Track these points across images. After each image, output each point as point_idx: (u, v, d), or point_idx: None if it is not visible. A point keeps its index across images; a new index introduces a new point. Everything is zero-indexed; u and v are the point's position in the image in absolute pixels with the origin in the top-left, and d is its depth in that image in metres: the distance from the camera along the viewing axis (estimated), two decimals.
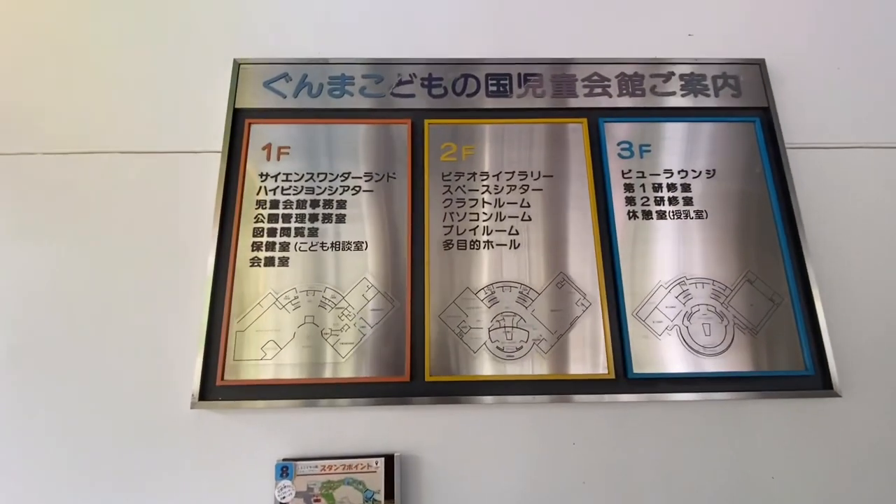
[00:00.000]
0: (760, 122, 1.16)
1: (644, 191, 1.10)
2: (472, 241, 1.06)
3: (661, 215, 1.09)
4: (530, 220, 1.08)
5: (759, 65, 1.22)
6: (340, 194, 1.09)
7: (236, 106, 1.15)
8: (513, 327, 1.01)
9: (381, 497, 0.89)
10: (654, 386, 0.98)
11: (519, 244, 1.06)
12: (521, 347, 0.99)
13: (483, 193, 1.10)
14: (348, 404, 0.97)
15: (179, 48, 1.24)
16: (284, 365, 0.98)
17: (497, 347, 0.99)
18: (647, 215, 1.09)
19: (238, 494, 0.93)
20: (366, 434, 0.96)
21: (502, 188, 1.11)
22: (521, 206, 1.09)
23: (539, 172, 1.12)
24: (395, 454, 0.93)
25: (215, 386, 0.96)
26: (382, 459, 0.91)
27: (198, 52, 1.23)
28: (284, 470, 0.91)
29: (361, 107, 1.16)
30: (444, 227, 1.07)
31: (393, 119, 1.15)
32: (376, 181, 1.10)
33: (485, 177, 1.11)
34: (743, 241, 1.07)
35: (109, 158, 1.14)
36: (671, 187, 1.11)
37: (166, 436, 0.96)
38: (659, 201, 1.10)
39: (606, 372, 0.98)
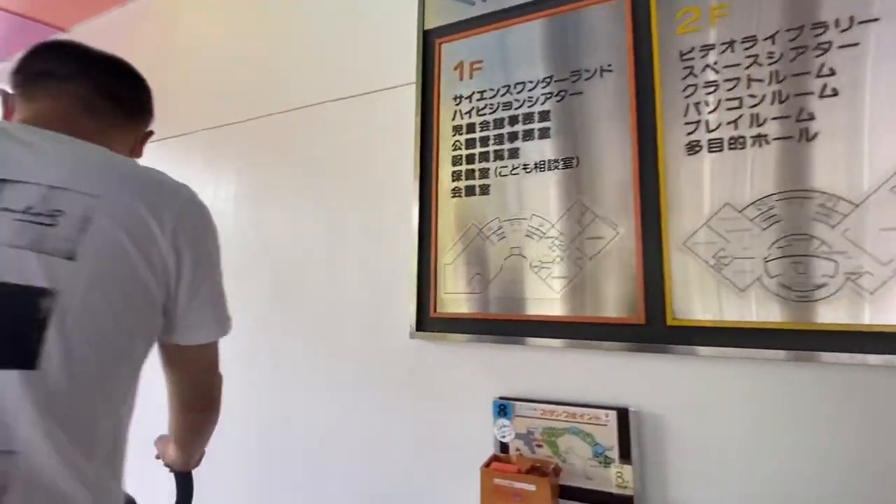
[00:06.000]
0: None
1: None
2: (731, 137, 0.76)
3: None
4: (835, 94, 0.71)
5: None
6: (542, 104, 0.92)
7: (425, 28, 1.07)
8: (808, 255, 0.69)
9: (614, 455, 0.75)
10: None
11: (816, 134, 0.71)
12: (827, 285, 0.67)
13: (748, 68, 0.77)
14: (566, 346, 0.84)
15: None
16: (494, 299, 0.91)
17: (780, 284, 0.70)
18: None
19: (459, 424, 0.93)
20: (588, 381, 0.83)
21: (781, 55, 0.75)
22: (818, 77, 0.72)
23: (852, 18, 0.71)
24: (630, 408, 0.77)
25: (429, 318, 0.96)
26: (615, 413, 0.76)
27: None
28: (502, 408, 0.85)
29: None
30: (687, 123, 0.79)
31: None
32: (586, 80, 0.89)
33: (751, 42, 0.77)
34: None
35: (310, 111, 1.23)
36: None
37: (391, 362, 1.02)
38: None
39: None
